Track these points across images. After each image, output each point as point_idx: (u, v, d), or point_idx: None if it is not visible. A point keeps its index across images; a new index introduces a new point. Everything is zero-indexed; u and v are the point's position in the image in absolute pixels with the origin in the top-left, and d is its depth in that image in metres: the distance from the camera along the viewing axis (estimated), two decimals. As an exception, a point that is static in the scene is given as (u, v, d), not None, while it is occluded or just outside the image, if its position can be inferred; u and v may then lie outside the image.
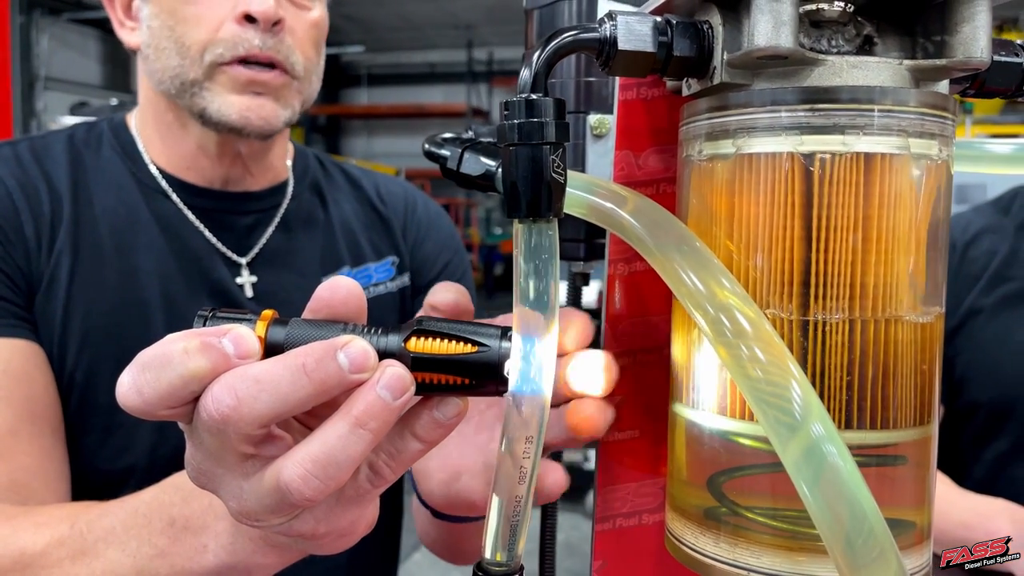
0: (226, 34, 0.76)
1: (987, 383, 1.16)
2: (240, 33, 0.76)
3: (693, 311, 0.33)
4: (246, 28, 0.76)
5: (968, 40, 0.35)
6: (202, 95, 0.78)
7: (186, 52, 0.77)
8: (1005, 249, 1.21)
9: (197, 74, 0.77)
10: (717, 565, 0.37)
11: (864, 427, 0.35)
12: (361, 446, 0.34)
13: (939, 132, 0.35)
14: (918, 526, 0.37)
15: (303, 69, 0.81)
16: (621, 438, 0.46)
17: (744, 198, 0.36)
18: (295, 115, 0.82)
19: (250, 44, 0.76)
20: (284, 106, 0.80)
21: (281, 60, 0.78)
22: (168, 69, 0.78)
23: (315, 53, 0.84)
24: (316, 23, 0.83)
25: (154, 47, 0.79)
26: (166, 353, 0.34)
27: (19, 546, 0.58)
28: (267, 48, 0.77)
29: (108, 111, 4.74)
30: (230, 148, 0.84)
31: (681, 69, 0.37)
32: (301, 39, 0.81)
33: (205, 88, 0.77)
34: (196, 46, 0.76)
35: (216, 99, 0.77)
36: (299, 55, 0.80)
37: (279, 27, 0.78)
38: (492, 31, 10.42)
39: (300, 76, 0.81)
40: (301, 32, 0.81)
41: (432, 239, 1.01)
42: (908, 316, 0.35)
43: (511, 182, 0.35)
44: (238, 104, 0.77)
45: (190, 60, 0.77)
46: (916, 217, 0.35)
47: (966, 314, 1.18)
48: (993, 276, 1.19)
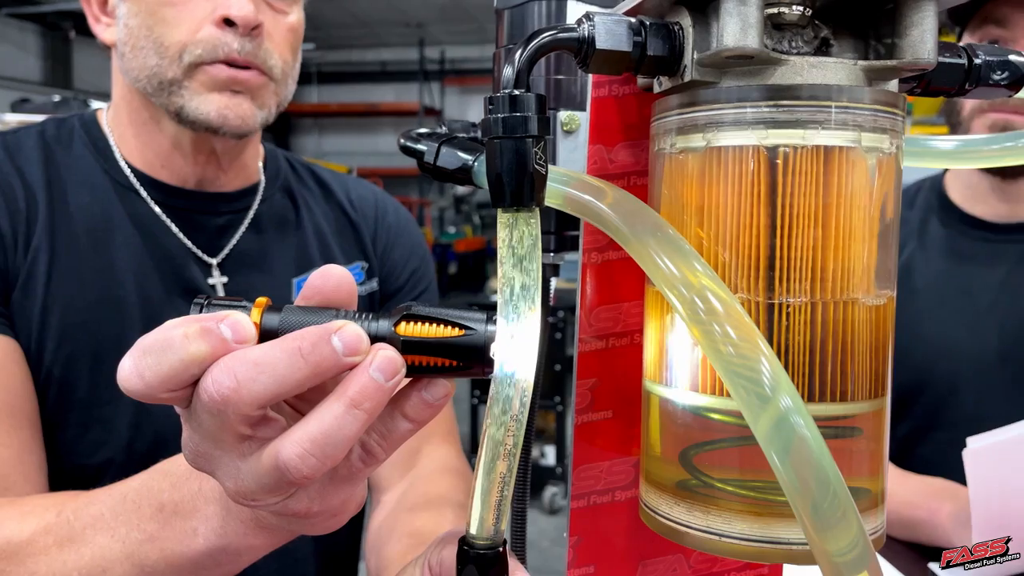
0: (205, 36, 0.76)
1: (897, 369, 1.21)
2: (219, 36, 0.77)
3: (668, 293, 0.36)
4: (225, 31, 0.77)
5: (917, 43, 0.38)
6: (180, 93, 0.78)
7: (164, 52, 0.77)
8: (913, 243, 1.26)
9: (176, 73, 0.77)
10: (691, 532, 0.39)
11: (825, 400, 0.37)
12: (356, 426, 0.36)
13: (890, 127, 0.38)
14: (873, 492, 0.40)
15: (280, 72, 0.82)
16: (595, 419, 0.49)
17: (713, 188, 0.38)
18: (271, 116, 0.83)
19: (229, 48, 0.77)
20: (261, 106, 0.81)
21: (259, 64, 0.79)
22: (145, 68, 0.78)
23: (292, 56, 0.85)
24: (293, 27, 0.84)
25: (131, 45, 0.79)
26: (167, 338, 0.35)
27: (4, 535, 0.58)
28: (245, 52, 0.78)
29: (51, 107, 4.63)
30: (205, 146, 0.84)
31: (654, 67, 0.39)
32: (279, 43, 0.82)
33: (183, 87, 0.78)
34: (175, 47, 0.77)
35: (194, 98, 0.78)
36: (277, 58, 0.81)
37: (258, 31, 0.78)
38: (444, 29, 10.41)
39: (277, 79, 0.82)
40: (279, 36, 0.82)
41: (401, 246, 1.03)
42: (863, 299, 0.38)
43: (496, 173, 0.37)
44: (216, 102, 0.78)
45: (168, 60, 0.77)
46: (870, 206, 0.38)
47: None
48: (902, 269, 1.24)
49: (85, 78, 9.25)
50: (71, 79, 9.40)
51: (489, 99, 0.37)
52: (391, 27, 10.37)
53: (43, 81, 8.58)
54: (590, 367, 0.48)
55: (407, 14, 9.70)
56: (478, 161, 0.50)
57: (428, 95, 11.00)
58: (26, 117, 3.66)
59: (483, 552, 0.39)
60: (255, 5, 0.78)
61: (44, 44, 8.69)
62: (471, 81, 11.05)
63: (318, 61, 11.31)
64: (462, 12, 9.44)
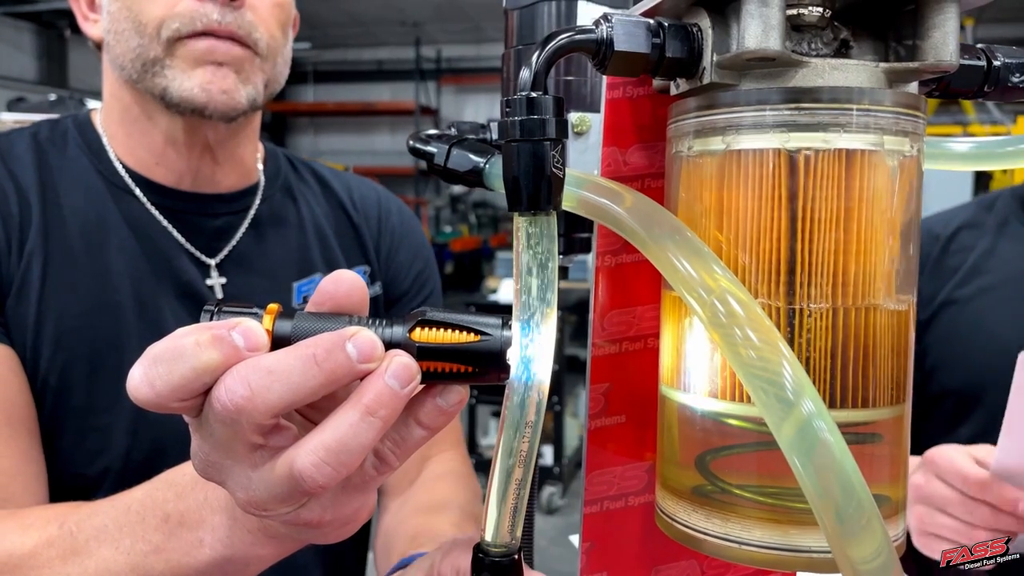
0: (182, 8, 0.75)
1: (957, 371, 1.20)
2: (197, 7, 0.75)
3: (688, 297, 0.35)
4: (203, 2, 0.75)
5: (939, 44, 0.37)
6: (163, 73, 0.76)
7: (143, 30, 0.76)
8: (985, 244, 1.25)
9: (157, 52, 0.76)
10: (709, 539, 0.39)
11: (846, 406, 0.37)
12: (371, 433, 0.35)
13: (911, 130, 0.38)
14: (893, 500, 0.39)
15: (266, 46, 0.79)
16: (608, 424, 0.48)
17: (733, 192, 0.38)
18: (259, 95, 0.80)
19: (208, 19, 0.75)
20: (245, 81, 0.79)
21: (243, 36, 0.77)
22: (129, 51, 0.77)
23: (280, 33, 0.82)
24: (280, 2, 0.82)
25: (114, 31, 0.78)
26: (178, 346, 0.35)
27: (6, 548, 0.57)
28: (226, 23, 0.76)
29: (47, 106, 4.61)
30: (199, 136, 0.83)
31: (672, 69, 0.39)
32: (264, 16, 0.79)
33: (166, 66, 0.76)
34: (153, 22, 0.75)
35: (177, 76, 0.76)
36: (262, 31, 0.79)
37: (239, 2, 0.76)
38: (440, 28, 10.39)
39: (263, 53, 0.79)
40: (264, 9, 0.79)
41: (405, 249, 1.01)
42: (885, 304, 0.38)
43: (513, 177, 0.36)
44: (198, 78, 0.76)
45: (148, 38, 0.76)
46: (892, 210, 0.37)
47: (941, 305, 1.22)
48: (970, 269, 1.23)
49: (81, 77, 9.22)
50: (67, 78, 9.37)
51: (506, 102, 0.36)
52: (387, 26, 10.35)
53: (39, 80, 8.55)
54: (603, 371, 0.48)
55: (403, 13, 9.68)
56: (489, 163, 0.49)
57: (424, 94, 10.99)
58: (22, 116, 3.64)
59: (498, 559, 0.38)
60: None
61: (40, 43, 8.66)
62: (467, 80, 11.04)
63: (314, 60, 11.29)
64: (458, 11, 9.43)
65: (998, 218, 1.27)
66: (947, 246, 1.25)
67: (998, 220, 1.27)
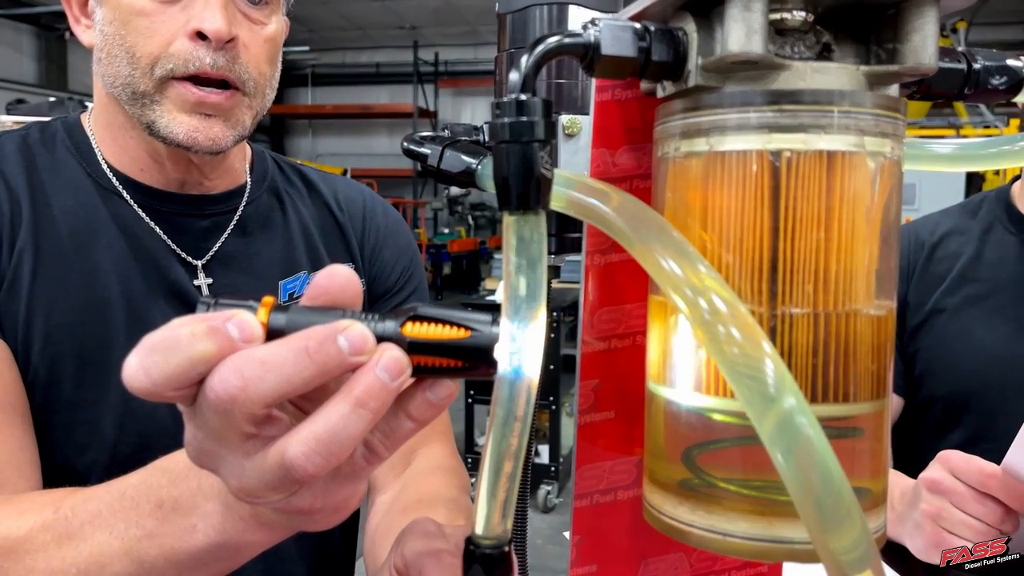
0: (177, 50, 0.76)
1: (946, 378, 1.20)
2: (192, 50, 0.76)
3: (673, 295, 0.36)
4: (198, 45, 0.76)
5: (918, 48, 0.38)
6: (152, 108, 0.77)
7: (136, 63, 0.76)
8: (970, 251, 1.25)
9: (148, 86, 0.77)
10: (695, 532, 0.40)
11: (827, 400, 0.38)
12: (361, 425, 0.36)
13: (891, 132, 0.39)
14: (874, 492, 0.40)
15: (255, 86, 0.81)
16: (597, 419, 0.49)
17: (717, 192, 0.39)
18: (246, 131, 0.82)
19: (201, 63, 0.76)
20: (233, 126, 0.80)
21: (233, 79, 0.78)
22: (119, 77, 0.78)
23: (269, 68, 0.83)
24: (271, 38, 0.83)
25: (106, 52, 0.79)
26: (174, 336, 0.36)
27: (1, 532, 0.58)
28: (219, 67, 0.76)
29: (46, 108, 4.62)
30: (182, 157, 0.84)
31: (658, 72, 0.39)
32: (256, 55, 0.80)
33: (155, 102, 0.77)
34: (147, 58, 0.76)
35: (165, 115, 0.77)
36: (252, 71, 0.80)
37: (232, 45, 0.77)
38: (437, 32, 10.42)
39: (251, 93, 0.81)
40: (255, 48, 0.80)
41: (390, 246, 1.03)
42: (864, 309, 0.39)
43: (503, 177, 0.37)
44: (186, 124, 0.77)
45: (140, 71, 0.76)
46: (872, 211, 0.38)
47: (930, 312, 1.23)
48: (957, 277, 1.24)
49: (80, 79, 9.23)
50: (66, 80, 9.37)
51: (496, 104, 0.37)
52: (385, 30, 10.37)
53: (38, 82, 8.56)
54: (593, 368, 0.48)
55: (401, 17, 9.70)
56: (481, 164, 0.50)
57: (422, 97, 11.01)
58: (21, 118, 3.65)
59: (489, 552, 0.39)
60: (229, 18, 0.76)
61: (39, 45, 8.67)
62: (464, 83, 11.07)
63: (312, 63, 11.31)
64: (456, 15, 9.45)
65: (982, 224, 1.28)
66: (932, 253, 1.26)
67: (982, 226, 1.27)
